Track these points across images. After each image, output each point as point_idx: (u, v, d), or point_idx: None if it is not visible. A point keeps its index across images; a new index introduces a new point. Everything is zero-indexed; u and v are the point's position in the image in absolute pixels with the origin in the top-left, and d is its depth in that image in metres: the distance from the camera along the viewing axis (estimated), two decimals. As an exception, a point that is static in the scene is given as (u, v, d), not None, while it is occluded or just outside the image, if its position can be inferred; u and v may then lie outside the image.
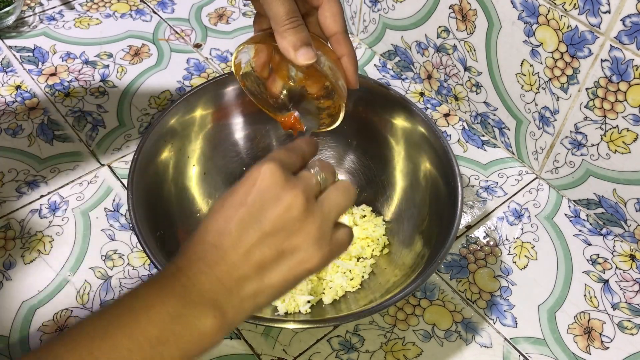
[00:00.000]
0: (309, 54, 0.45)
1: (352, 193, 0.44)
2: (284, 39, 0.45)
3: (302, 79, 0.54)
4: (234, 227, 0.39)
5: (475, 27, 0.71)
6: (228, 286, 0.39)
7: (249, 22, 0.93)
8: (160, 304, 0.37)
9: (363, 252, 0.65)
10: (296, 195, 0.40)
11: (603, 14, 0.58)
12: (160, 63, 0.86)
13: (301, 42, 0.45)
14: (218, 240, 0.39)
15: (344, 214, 0.45)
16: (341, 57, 0.49)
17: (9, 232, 0.66)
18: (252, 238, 0.39)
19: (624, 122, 0.62)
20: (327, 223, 0.41)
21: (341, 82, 0.49)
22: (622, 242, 0.69)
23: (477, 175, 0.75)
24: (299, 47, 0.45)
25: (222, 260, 0.39)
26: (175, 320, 0.37)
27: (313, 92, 0.54)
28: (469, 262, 0.67)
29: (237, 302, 0.39)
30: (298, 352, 0.59)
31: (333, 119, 0.53)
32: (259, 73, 0.54)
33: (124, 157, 0.74)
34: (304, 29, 0.46)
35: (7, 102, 0.79)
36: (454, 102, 0.81)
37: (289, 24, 0.45)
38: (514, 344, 0.61)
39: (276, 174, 0.40)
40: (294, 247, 0.40)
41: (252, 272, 0.39)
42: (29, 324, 0.59)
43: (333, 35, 0.48)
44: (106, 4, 0.94)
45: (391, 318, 0.62)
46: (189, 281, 0.38)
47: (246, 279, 0.39)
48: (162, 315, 0.37)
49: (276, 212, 0.39)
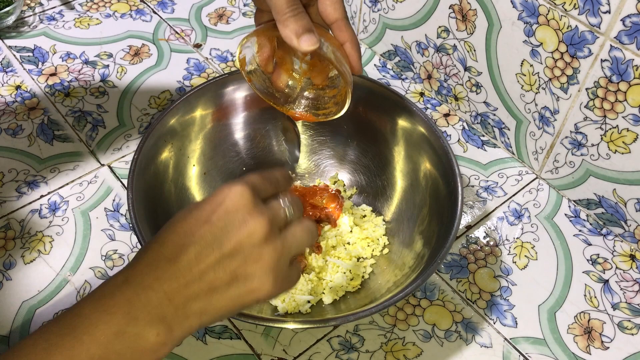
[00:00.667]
0: (312, 39, 0.45)
1: (314, 234, 0.44)
2: (287, 27, 0.45)
3: (306, 70, 0.54)
4: (194, 243, 0.39)
5: (475, 27, 0.71)
6: (176, 303, 0.38)
7: (249, 22, 0.93)
8: (104, 323, 0.36)
9: (363, 252, 0.65)
10: (261, 223, 0.40)
11: (603, 14, 0.58)
12: (160, 63, 0.86)
13: (303, 29, 0.45)
14: (174, 255, 0.39)
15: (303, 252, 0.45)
16: (344, 43, 0.49)
17: (9, 232, 0.66)
18: (210, 259, 0.39)
19: (624, 122, 0.62)
20: (285, 257, 0.41)
21: (346, 67, 0.49)
22: (622, 242, 0.69)
23: (477, 175, 0.75)
24: (301, 34, 0.45)
25: (174, 277, 0.38)
26: (119, 338, 0.36)
27: (318, 83, 0.54)
28: (469, 262, 0.67)
29: (184, 318, 0.38)
30: (298, 352, 0.59)
31: (339, 107, 0.53)
32: (263, 68, 0.54)
33: (124, 157, 0.74)
34: (305, 16, 0.46)
35: (7, 102, 0.79)
36: (454, 102, 0.81)
37: (290, 12, 0.45)
38: (514, 344, 0.61)
39: (245, 197, 0.40)
40: (248, 274, 0.40)
41: (202, 293, 0.39)
42: (29, 324, 0.59)
43: (334, 22, 0.48)
44: (106, 4, 0.94)
45: (391, 318, 0.62)
46: (136, 296, 0.37)
47: (195, 298, 0.39)
48: (105, 334, 0.36)
49: (238, 235, 0.39)
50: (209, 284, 0.39)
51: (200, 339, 0.59)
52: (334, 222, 0.66)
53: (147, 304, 0.37)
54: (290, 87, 0.55)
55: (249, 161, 0.69)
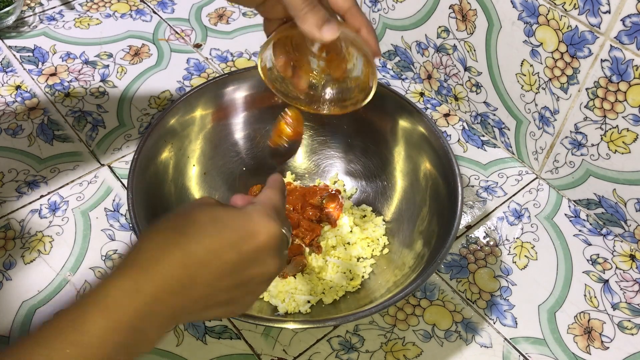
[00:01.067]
0: (333, 28, 0.46)
1: None
2: (306, 21, 0.46)
3: (324, 67, 0.55)
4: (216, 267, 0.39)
5: (475, 27, 0.71)
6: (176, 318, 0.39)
7: (249, 22, 0.93)
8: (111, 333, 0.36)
9: (363, 252, 0.65)
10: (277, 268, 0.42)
11: (603, 14, 0.58)
12: (160, 63, 0.86)
13: (322, 20, 0.46)
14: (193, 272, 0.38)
15: None
16: (359, 29, 0.49)
17: (9, 232, 0.66)
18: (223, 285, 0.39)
19: (624, 122, 0.62)
20: None
21: (366, 49, 0.50)
22: (622, 242, 0.69)
23: (477, 175, 0.75)
24: (321, 25, 0.46)
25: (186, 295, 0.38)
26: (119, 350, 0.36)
27: (338, 76, 0.55)
28: (469, 262, 0.67)
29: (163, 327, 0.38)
30: (298, 352, 0.59)
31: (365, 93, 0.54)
32: (283, 73, 0.54)
33: (124, 157, 0.74)
34: (321, 8, 0.46)
35: (7, 102, 0.79)
36: (454, 102, 0.81)
37: (307, 7, 0.46)
38: (514, 344, 0.61)
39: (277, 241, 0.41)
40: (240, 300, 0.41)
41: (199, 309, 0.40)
42: (29, 324, 0.59)
43: (347, 10, 0.49)
44: (106, 4, 0.94)
45: (391, 318, 0.62)
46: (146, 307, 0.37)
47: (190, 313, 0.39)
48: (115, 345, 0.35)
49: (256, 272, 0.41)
50: (207, 302, 0.40)
51: (200, 339, 0.59)
52: (334, 222, 0.66)
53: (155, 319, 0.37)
54: (313, 86, 0.56)
55: (249, 161, 0.69)
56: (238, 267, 0.40)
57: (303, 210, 0.65)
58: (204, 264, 0.38)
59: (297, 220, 0.64)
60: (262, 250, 0.40)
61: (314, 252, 0.64)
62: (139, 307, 0.36)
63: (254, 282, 0.41)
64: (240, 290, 0.41)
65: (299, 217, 0.64)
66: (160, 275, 0.37)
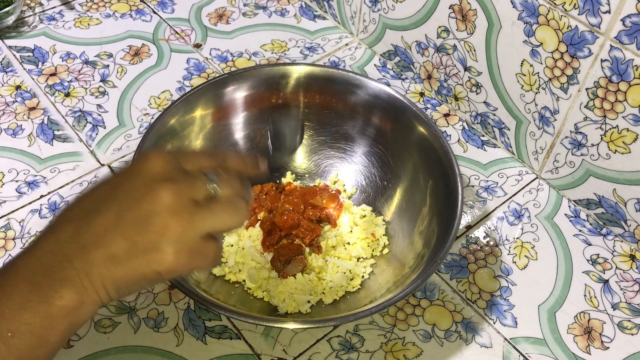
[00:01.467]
0: None
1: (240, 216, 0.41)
2: None
3: None
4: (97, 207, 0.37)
5: (475, 27, 0.71)
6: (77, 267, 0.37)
7: (249, 22, 0.93)
8: (7, 296, 0.35)
9: (363, 252, 0.65)
10: (168, 191, 0.38)
11: (603, 14, 0.58)
12: (160, 63, 0.86)
13: None
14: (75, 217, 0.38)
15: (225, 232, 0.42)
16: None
17: (9, 232, 0.66)
18: (108, 222, 0.37)
19: (624, 122, 0.62)
20: (195, 230, 0.39)
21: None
22: (622, 242, 0.69)
23: (477, 175, 0.75)
24: None
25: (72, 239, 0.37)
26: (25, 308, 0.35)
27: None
28: (469, 262, 0.67)
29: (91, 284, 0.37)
30: (298, 352, 0.59)
31: None
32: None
33: (124, 157, 0.74)
34: None
35: (7, 102, 0.79)
36: (454, 102, 0.81)
37: None
38: (514, 344, 0.61)
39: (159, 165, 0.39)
40: (149, 244, 0.38)
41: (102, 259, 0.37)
42: (29, 324, 0.59)
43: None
44: (106, 4, 0.94)
45: (391, 318, 0.62)
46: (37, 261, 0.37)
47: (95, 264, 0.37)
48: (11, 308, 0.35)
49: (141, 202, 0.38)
50: (107, 250, 0.37)
51: (200, 339, 0.59)
52: (334, 222, 0.66)
53: (48, 269, 0.36)
54: None
55: (249, 161, 0.69)
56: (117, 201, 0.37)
57: (303, 210, 0.65)
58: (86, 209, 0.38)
59: (297, 220, 0.64)
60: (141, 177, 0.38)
61: (314, 252, 0.64)
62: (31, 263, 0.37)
63: (150, 216, 0.37)
64: (136, 228, 0.37)
65: (299, 217, 0.64)
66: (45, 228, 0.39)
